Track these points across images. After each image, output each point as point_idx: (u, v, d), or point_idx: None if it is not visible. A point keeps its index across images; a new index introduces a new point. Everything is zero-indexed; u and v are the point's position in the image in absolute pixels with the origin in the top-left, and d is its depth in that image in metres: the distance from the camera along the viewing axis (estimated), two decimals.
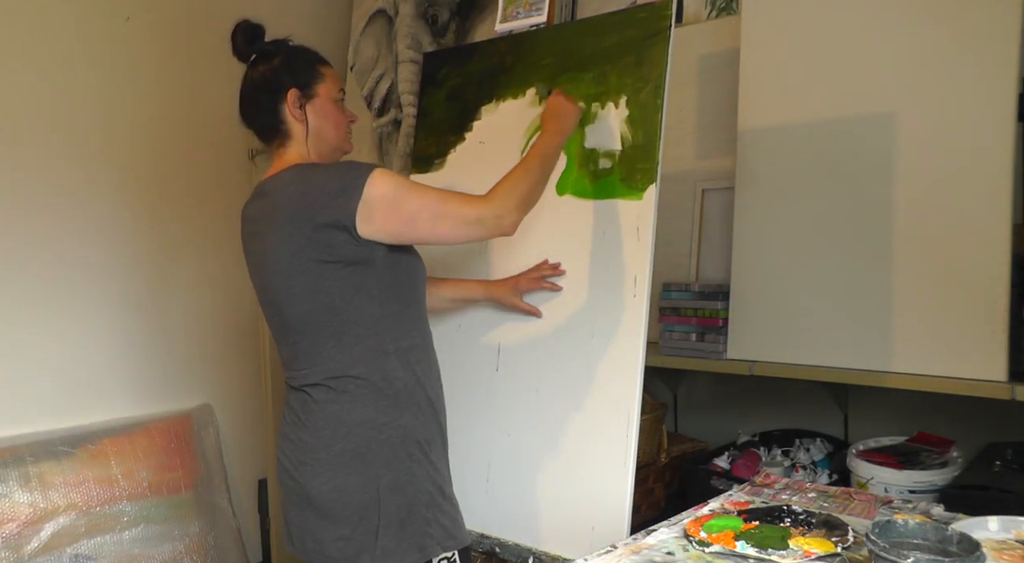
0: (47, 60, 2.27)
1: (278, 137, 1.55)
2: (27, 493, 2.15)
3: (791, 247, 1.99)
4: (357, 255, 1.42)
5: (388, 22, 2.88)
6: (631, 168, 1.68)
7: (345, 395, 1.45)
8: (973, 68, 1.73)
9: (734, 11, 2.27)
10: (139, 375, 2.48)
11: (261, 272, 1.51)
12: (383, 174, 1.41)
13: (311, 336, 1.46)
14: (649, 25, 1.69)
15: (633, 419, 1.60)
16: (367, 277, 1.44)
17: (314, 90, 1.54)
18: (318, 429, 1.46)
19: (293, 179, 1.46)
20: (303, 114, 1.53)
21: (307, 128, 1.53)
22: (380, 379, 1.45)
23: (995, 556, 1.05)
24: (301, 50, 1.59)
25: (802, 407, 2.22)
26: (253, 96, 1.55)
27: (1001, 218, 1.68)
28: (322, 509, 1.45)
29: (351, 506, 1.43)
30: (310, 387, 1.48)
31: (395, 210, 1.40)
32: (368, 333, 1.45)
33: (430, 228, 1.43)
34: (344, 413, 1.45)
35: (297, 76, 1.53)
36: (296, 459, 1.49)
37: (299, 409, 1.50)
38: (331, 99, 1.56)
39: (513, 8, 1.95)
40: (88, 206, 2.36)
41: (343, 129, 1.59)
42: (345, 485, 1.43)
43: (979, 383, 1.69)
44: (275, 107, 1.52)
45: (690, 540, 1.17)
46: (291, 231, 1.41)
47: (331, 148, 1.58)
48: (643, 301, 1.63)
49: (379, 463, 1.44)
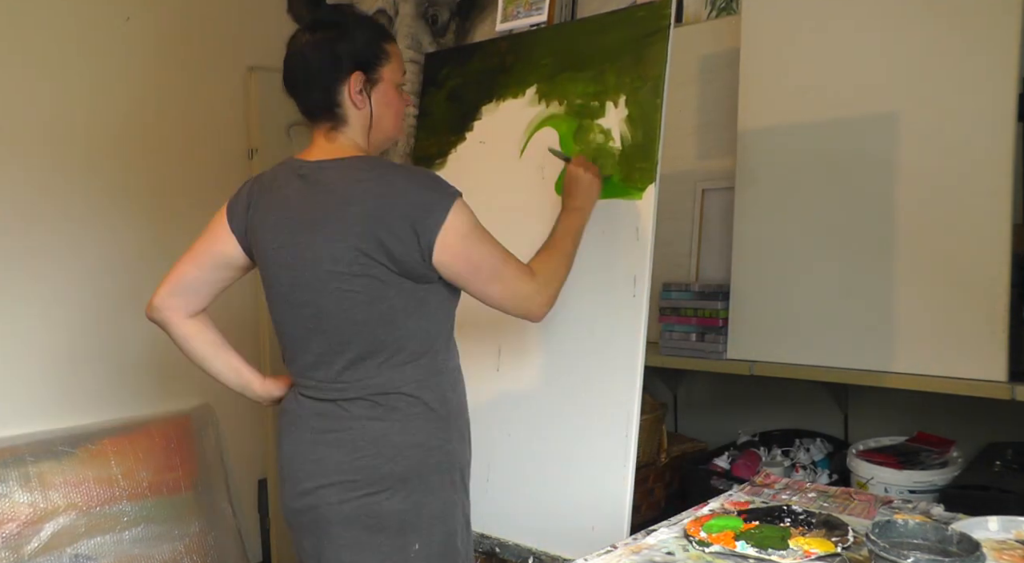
0: (47, 60, 2.27)
1: (330, 118, 1.36)
2: (27, 493, 2.15)
3: (791, 247, 1.99)
4: (419, 272, 1.32)
5: (388, 22, 2.88)
6: (630, 168, 1.68)
7: (395, 414, 1.33)
8: (973, 68, 1.73)
9: (734, 11, 2.27)
10: (139, 375, 2.48)
11: (302, 267, 1.33)
12: (465, 206, 1.32)
13: (360, 346, 1.33)
14: (648, 24, 1.69)
15: (633, 419, 1.60)
16: (429, 292, 1.34)
17: (379, 73, 1.36)
18: (357, 449, 1.33)
19: (370, 175, 1.31)
20: (366, 101, 1.36)
21: (370, 117, 1.37)
22: (433, 399, 1.35)
23: (995, 556, 1.05)
24: (368, 22, 1.41)
25: (802, 407, 2.22)
26: (307, 67, 1.34)
27: (1001, 218, 1.68)
28: (349, 536, 1.33)
29: (388, 531, 1.32)
30: (346, 402, 1.34)
31: (465, 251, 1.31)
32: (424, 350, 1.35)
33: (486, 283, 1.34)
34: (394, 433, 1.32)
35: (363, 55, 1.34)
36: (318, 483, 1.35)
37: (323, 425, 1.36)
38: (394, 84, 1.40)
39: (513, 8, 1.95)
40: (87, 205, 2.36)
41: (402, 119, 1.45)
42: (382, 511, 1.32)
43: (979, 383, 1.69)
44: (333, 87, 1.34)
45: (690, 540, 1.17)
46: (361, 231, 1.27)
47: (385, 138, 1.44)
48: (643, 301, 1.63)
49: (425, 489, 1.33)
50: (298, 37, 1.37)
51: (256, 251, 1.41)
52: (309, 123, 1.40)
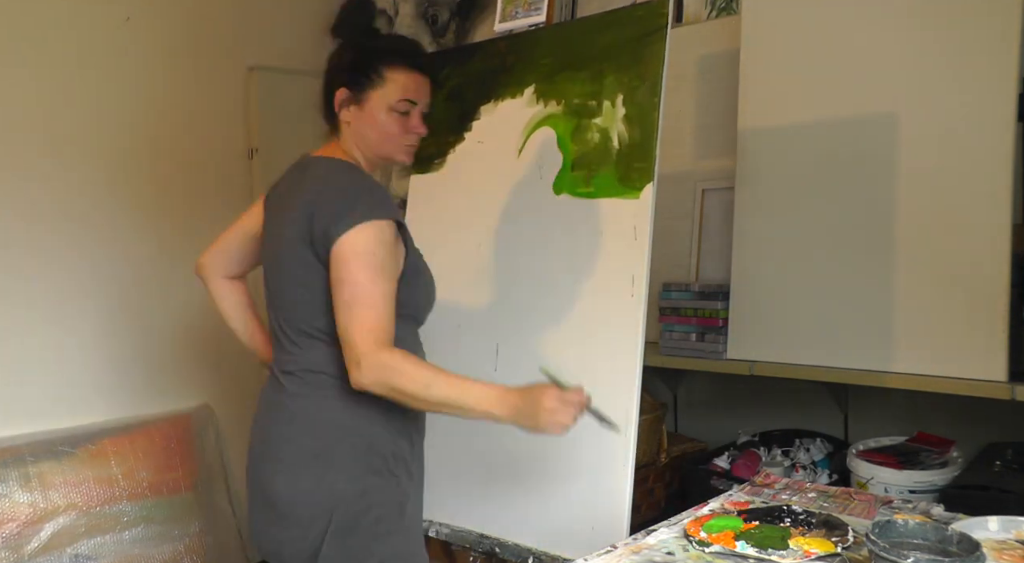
0: (47, 60, 2.27)
1: (329, 124, 1.54)
2: (27, 493, 2.15)
3: (791, 247, 1.98)
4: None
5: (388, 22, 2.88)
6: (628, 167, 1.68)
7: (318, 391, 1.41)
8: (973, 68, 1.73)
9: (734, 11, 2.27)
10: (139, 375, 2.48)
11: (271, 244, 1.51)
12: (374, 230, 1.34)
13: (296, 324, 1.44)
14: (646, 23, 1.69)
15: (633, 419, 1.60)
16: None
17: (365, 95, 1.47)
18: (285, 422, 1.43)
19: (323, 173, 1.45)
20: (350, 116, 1.49)
21: (351, 132, 1.50)
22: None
23: (995, 556, 1.05)
24: (373, 50, 1.51)
25: (802, 407, 2.22)
26: (325, 74, 1.54)
27: (1001, 218, 1.68)
28: (276, 507, 1.41)
29: (302, 507, 1.39)
30: (284, 375, 1.46)
31: (344, 266, 1.34)
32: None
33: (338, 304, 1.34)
34: (313, 410, 1.41)
35: (352, 76, 1.48)
36: (260, 451, 1.46)
37: (270, 398, 1.48)
38: (385, 108, 1.47)
39: (512, 8, 1.95)
40: (87, 206, 2.36)
41: (394, 141, 1.50)
42: (300, 485, 1.39)
43: (979, 383, 1.69)
44: (329, 97, 1.51)
45: (690, 540, 1.17)
46: (297, 218, 1.40)
47: (375, 155, 1.52)
48: (641, 300, 1.62)
49: (339, 468, 1.39)
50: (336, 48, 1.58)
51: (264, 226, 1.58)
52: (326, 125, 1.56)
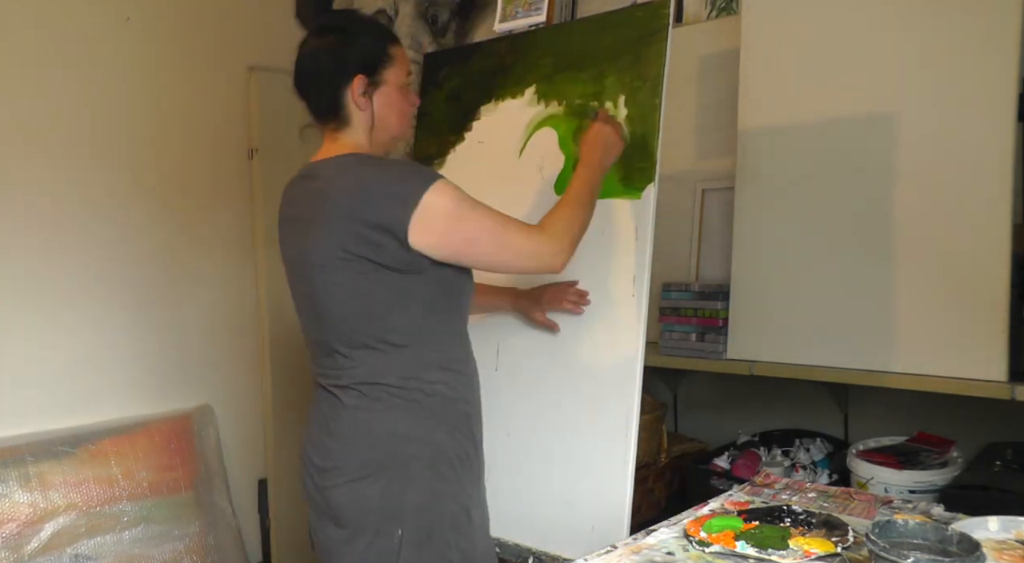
0: (47, 60, 2.27)
1: (335, 119, 1.42)
2: (27, 493, 2.15)
3: (791, 247, 1.99)
4: (404, 262, 1.34)
5: (388, 22, 2.88)
6: (629, 167, 1.68)
7: (378, 403, 1.37)
8: (973, 68, 1.73)
9: (734, 11, 2.27)
10: (139, 375, 2.48)
11: (299, 260, 1.42)
12: (446, 186, 1.33)
13: (347, 337, 1.39)
14: (647, 24, 1.69)
15: (633, 419, 1.60)
16: (414, 285, 1.36)
17: (382, 76, 1.41)
18: (344, 436, 1.39)
19: (348, 170, 1.37)
20: (369, 103, 1.41)
21: (372, 118, 1.42)
22: (417, 390, 1.38)
23: (995, 556, 1.05)
24: (372, 26, 1.46)
25: (802, 407, 2.22)
26: (314, 70, 1.41)
27: (1001, 218, 1.68)
28: (341, 519, 1.39)
29: (370, 519, 1.37)
30: (340, 390, 1.41)
31: (454, 229, 1.32)
32: (408, 342, 1.38)
33: (488, 254, 1.37)
34: (374, 421, 1.38)
35: (366, 59, 1.40)
36: (319, 465, 1.42)
37: (327, 412, 1.43)
38: (398, 86, 1.44)
39: (512, 8, 1.95)
40: (88, 207, 2.36)
41: (407, 118, 1.49)
42: (368, 496, 1.36)
43: (979, 383, 1.69)
44: (337, 89, 1.39)
45: (690, 540, 1.17)
46: (339, 226, 1.33)
47: (390, 137, 1.48)
48: (642, 300, 1.63)
49: (405, 478, 1.36)
50: (307, 42, 1.43)
51: (280, 249, 1.51)
52: (318, 124, 1.46)
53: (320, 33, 1.42)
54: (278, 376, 2.74)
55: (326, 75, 1.40)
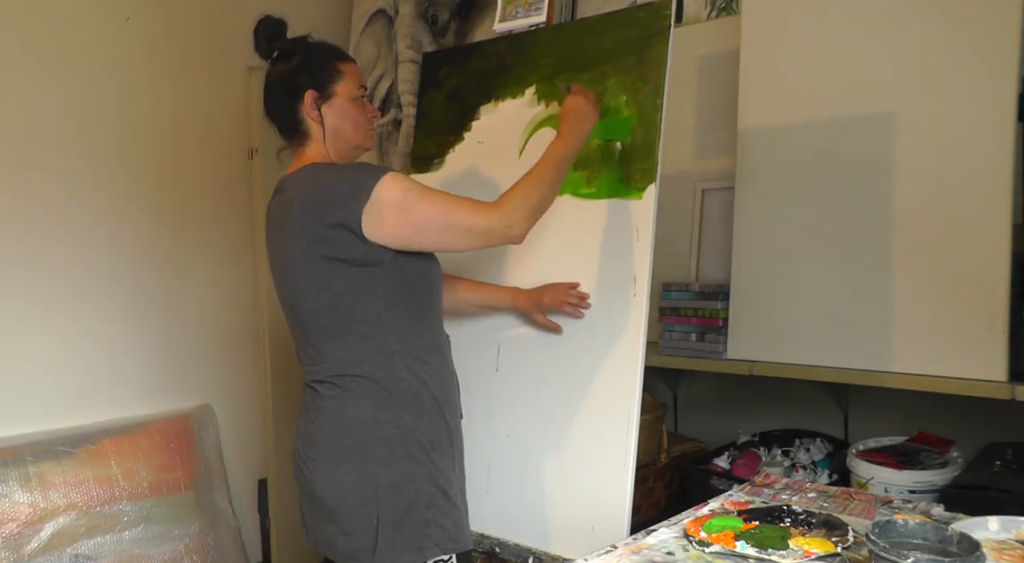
0: (47, 60, 2.27)
1: (298, 136, 1.56)
2: (27, 493, 2.14)
3: (791, 247, 1.99)
4: (364, 256, 1.43)
5: (388, 22, 2.88)
6: (630, 168, 1.68)
7: (349, 393, 1.47)
8: (973, 68, 1.73)
9: (734, 11, 2.27)
10: (139, 375, 2.48)
11: (277, 266, 1.54)
12: (394, 178, 1.42)
13: (319, 332, 1.49)
14: (649, 25, 1.69)
15: (633, 419, 1.60)
16: (375, 278, 1.44)
17: (331, 90, 1.54)
18: (322, 425, 1.48)
19: (308, 177, 1.49)
20: (320, 115, 1.53)
21: (324, 129, 1.54)
22: (383, 378, 1.46)
23: (995, 556, 1.05)
24: (320, 48, 1.58)
25: (802, 407, 2.22)
26: (273, 95, 1.56)
27: (1001, 218, 1.68)
28: (325, 504, 1.47)
29: (350, 503, 1.45)
30: (318, 383, 1.51)
31: (404, 216, 1.40)
32: (373, 333, 1.46)
33: (438, 237, 1.44)
34: (346, 410, 1.47)
35: (314, 77, 1.53)
36: (304, 453, 1.52)
37: (309, 404, 1.53)
38: (350, 98, 1.55)
39: (512, 8, 1.95)
40: (88, 206, 2.36)
41: (363, 127, 1.59)
42: (345, 481, 1.45)
43: (979, 383, 1.69)
44: (293, 107, 1.53)
45: (690, 540, 1.17)
46: (301, 228, 1.44)
47: (350, 146, 1.58)
48: (643, 301, 1.63)
49: (378, 461, 1.44)
50: (268, 72, 1.58)
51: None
52: (287, 143, 1.60)
53: (276, 61, 1.57)
54: (278, 376, 2.74)
55: (283, 96, 1.54)
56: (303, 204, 1.45)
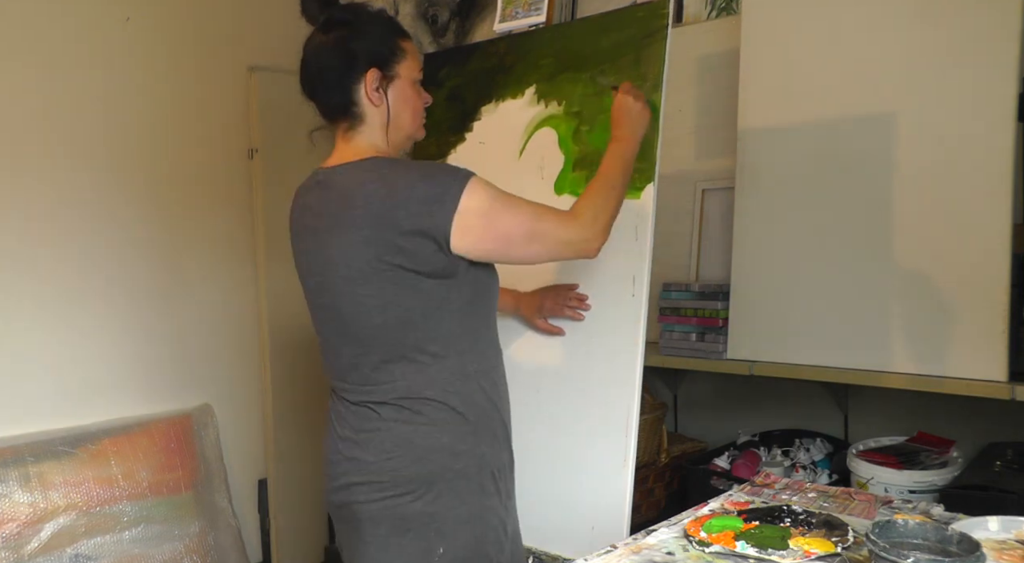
0: (47, 60, 2.27)
1: (347, 119, 1.37)
2: (27, 493, 2.14)
3: (791, 247, 1.99)
4: (442, 268, 1.29)
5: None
6: None
7: (420, 417, 1.32)
8: (973, 68, 1.73)
9: (734, 11, 2.27)
10: (139, 375, 2.48)
11: (323, 272, 1.35)
12: (479, 184, 1.28)
13: (381, 351, 1.33)
14: (647, 24, 1.69)
15: (633, 419, 1.60)
16: (449, 291, 1.31)
17: (396, 70, 1.36)
18: (385, 451, 1.33)
19: (374, 176, 1.30)
20: (383, 98, 1.35)
21: (388, 115, 1.36)
22: (459, 403, 1.34)
23: (995, 556, 1.05)
24: (383, 19, 1.40)
25: (802, 407, 2.22)
26: (322, 67, 1.35)
27: (1001, 218, 1.68)
28: (375, 536, 1.34)
29: (411, 535, 1.32)
30: (376, 405, 1.35)
31: (490, 226, 1.28)
32: (447, 352, 1.34)
33: (523, 248, 1.32)
34: (419, 437, 1.32)
35: (379, 52, 1.35)
36: (351, 480, 1.37)
37: (357, 426, 1.37)
38: (411, 81, 1.39)
39: (512, 8, 1.95)
40: (88, 207, 2.36)
41: (420, 116, 1.43)
42: (407, 513, 1.32)
43: (979, 383, 1.69)
44: (349, 86, 1.34)
45: (690, 540, 1.17)
46: (370, 235, 1.27)
47: (405, 136, 1.43)
48: (642, 300, 1.63)
49: (451, 493, 1.32)
50: (313, 38, 1.37)
51: (296, 260, 1.44)
52: (329, 125, 1.40)
53: (326, 29, 1.36)
54: (278, 376, 2.74)
55: (336, 72, 1.34)
56: (374, 207, 1.26)
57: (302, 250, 1.41)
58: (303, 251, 1.40)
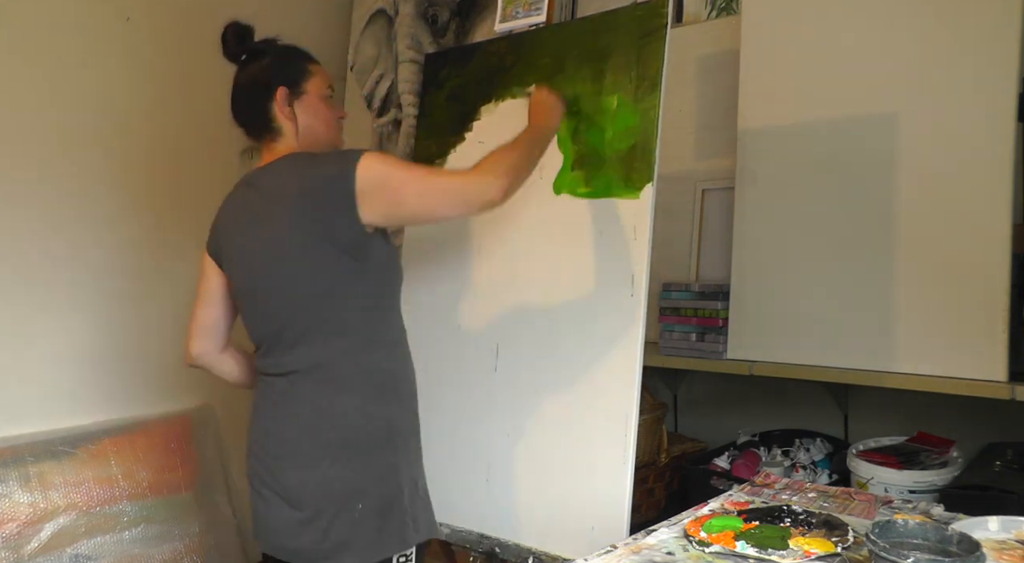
0: (47, 60, 2.27)
1: (268, 134, 1.56)
2: (27, 493, 2.15)
3: (791, 247, 1.99)
4: (357, 242, 1.43)
5: (388, 22, 2.88)
6: (628, 167, 1.68)
7: (332, 385, 1.46)
8: (973, 68, 1.73)
9: (734, 11, 2.27)
10: (139, 375, 2.48)
11: (251, 260, 1.51)
12: (372, 155, 1.43)
13: (299, 324, 1.47)
14: (646, 23, 1.69)
15: (632, 419, 1.60)
16: (365, 267, 1.45)
17: (303, 88, 1.56)
18: (301, 419, 1.46)
19: (288, 167, 1.49)
20: (292, 112, 1.55)
21: (296, 126, 1.55)
22: (367, 371, 1.47)
23: (995, 556, 1.05)
24: (290, 48, 1.62)
25: (802, 407, 2.22)
26: (244, 95, 1.58)
27: (1001, 218, 1.68)
28: (300, 502, 1.45)
29: (331, 497, 1.43)
30: (291, 375, 1.48)
31: (385, 189, 1.41)
32: (359, 323, 1.47)
33: (418, 202, 1.43)
34: (331, 403, 1.45)
35: (286, 74, 1.56)
36: (274, 452, 1.49)
37: (278, 398, 1.50)
38: (320, 96, 1.58)
39: (513, 8, 1.95)
40: (87, 205, 2.36)
41: (332, 126, 1.61)
42: (329, 477, 1.44)
43: (979, 383, 1.69)
44: (264, 105, 1.54)
45: (690, 540, 1.17)
46: (294, 216, 1.44)
47: (321, 145, 1.59)
48: (641, 300, 1.62)
49: (365, 454, 1.45)
50: (236, 75, 1.61)
51: (223, 261, 1.59)
52: (256, 142, 1.60)
53: (246, 63, 1.60)
54: None
55: (254, 94, 1.56)
56: (292, 192, 1.44)
57: (225, 245, 1.57)
58: (233, 246, 1.56)
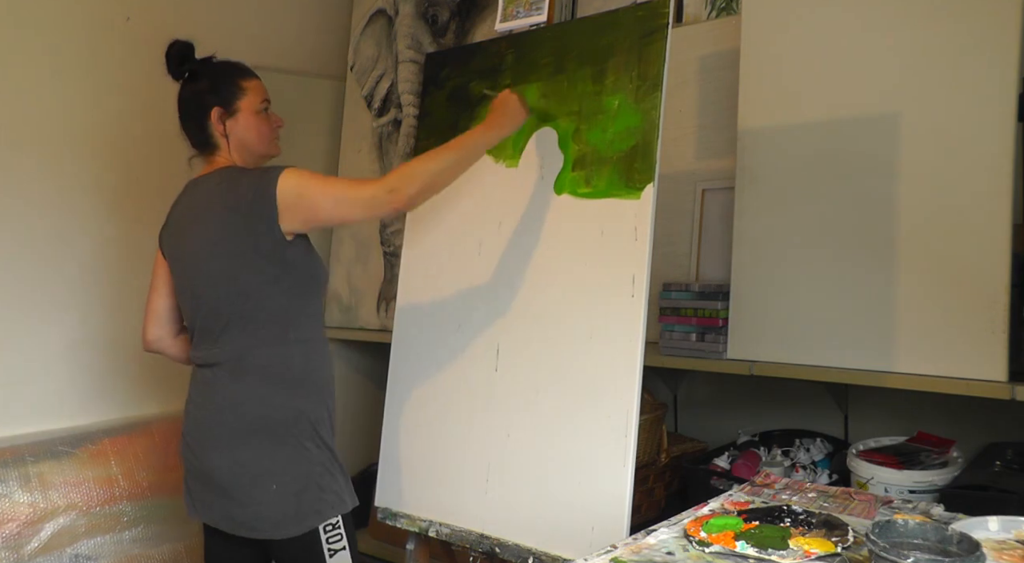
0: (47, 60, 2.27)
1: (207, 148, 1.73)
2: (27, 493, 2.15)
3: (791, 247, 1.99)
4: (276, 250, 1.58)
5: (388, 22, 2.88)
6: (629, 167, 1.68)
7: (246, 377, 1.61)
8: (973, 68, 1.73)
9: (734, 11, 2.27)
10: (139, 375, 2.48)
11: (186, 261, 1.68)
12: (291, 172, 1.58)
13: (223, 319, 1.62)
14: (647, 23, 1.69)
15: (632, 419, 1.60)
16: (282, 272, 1.60)
17: (236, 106, 1.71)
18: (217, 407, 1.62)
19: (219, 180, 1.66)
20: (225, 129, 1.71)
21: (229, 142, 1.71)
22: (279, 364, 1.62)
23: (995, 556, 1.05)
24: (224, 68, 1.75)
25: (802, 407, 2.22)
26: (184, 112, 1.75)
27: (1001, 218, 1.68)
28: (221, 482, 1.61)
29: (244, 477, 1.59)
30: (214, 366, 1.64)
31: (303, 199, 1.56)
32: (273, 322, 1.62)
33: (333, 210, 1.58)
34: (242, 393, 1.61)
35: (219, 95, 1.70)
36: (196, 437, 1.65)
37: (202, 388, 1.67)
38: (253, 112, 1.73)
39: (513, 7, 1.95)
40: (86, 205, 2.36)
41: (267, 137, 1.76)
42: (238, 459, 1.59)
43: (979, 383, 1.69)
44: (202, 123, 1.71)
45: (690, 540, 1.17)
46: (221, 224, 1.60)
47: (256, 156, 1.75)
48: (641, 301, 1.62)
49: (273, 439, 1.59)
50: (179, 90, 1.76)
51: (167, 255, 1.76)
52: (199, 154, 1.77)
53: (186, 81, 1.74)
54: None
55: (192, 113, 1.73)
56: (220, 201, 1.61)
57: (173, 242, 1.73)
58: (174, 243, 1.73)
